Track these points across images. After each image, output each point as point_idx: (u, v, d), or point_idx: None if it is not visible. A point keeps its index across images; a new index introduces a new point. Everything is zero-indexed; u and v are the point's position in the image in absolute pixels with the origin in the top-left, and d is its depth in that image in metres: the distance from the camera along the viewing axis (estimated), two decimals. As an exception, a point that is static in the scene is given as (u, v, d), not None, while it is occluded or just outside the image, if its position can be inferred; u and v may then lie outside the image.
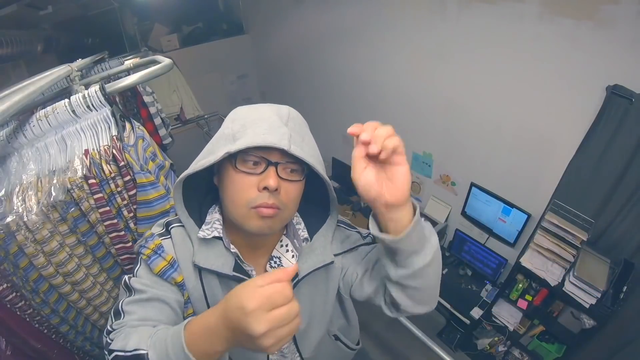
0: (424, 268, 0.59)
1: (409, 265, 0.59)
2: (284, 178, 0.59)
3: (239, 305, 0.42)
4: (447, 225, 2.70)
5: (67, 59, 1.26)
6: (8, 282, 0.89)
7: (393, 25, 2.39)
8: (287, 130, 0.58)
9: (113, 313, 0.60)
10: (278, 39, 3.50)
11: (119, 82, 0.97)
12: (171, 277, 0.65)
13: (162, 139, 1.90)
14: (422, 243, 0.58)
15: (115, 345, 0.53)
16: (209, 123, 3.51)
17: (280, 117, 0.60)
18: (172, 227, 0.68)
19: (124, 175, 0.93)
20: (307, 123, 0.67)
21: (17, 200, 0.86)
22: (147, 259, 0.64)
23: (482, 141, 2.21)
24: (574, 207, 1.78)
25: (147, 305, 0.61)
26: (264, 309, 0.42)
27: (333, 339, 0.83)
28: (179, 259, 0.66)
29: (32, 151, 0.91)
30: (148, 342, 0.51)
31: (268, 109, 0.62)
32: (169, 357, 0.48)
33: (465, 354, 2.46)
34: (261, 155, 0.58)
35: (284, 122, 0.60)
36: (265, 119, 0.59)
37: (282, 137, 0.56)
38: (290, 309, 0.43)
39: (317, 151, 0.64)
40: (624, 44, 1.47)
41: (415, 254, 0.58)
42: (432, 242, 0.60)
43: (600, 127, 1.64)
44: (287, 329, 0.43)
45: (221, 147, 0.58)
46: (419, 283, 0.61)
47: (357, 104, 2.98)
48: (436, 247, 0.60)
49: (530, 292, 2.07)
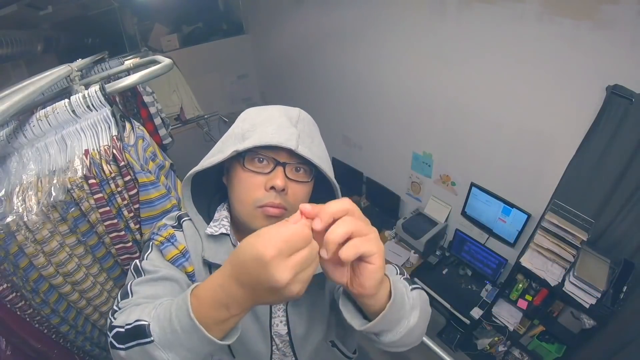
0: (393, 343, 0.54)
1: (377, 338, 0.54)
2: (292, 179, 0.59)
3: (255, 256, 0.38)
4: (447, 225, 2.69)
5: (67, 59, 1.26)
6: (8, 282, 0.89)
7: (393, 24, 2.39)
8: (296, 131, 0.58)
9: (120, 295, 0.57)
10: (278, 39, 3.50)
11: (119, 82, 0.98)
12: (182, 266, 0.64)
13: (162, 139, 1.90)
14: (398, 321, 0.52)
15: (117, 322, 0.50)
16: (209, 123, 3.52)
17: (290, 118, 0.61)
18: (184, 220, 0.69)
19: (124, 175, 0.93)
20: (317, 126, 0.67)
21: (17, 200, 0.86)
22: (160, 245, 0.64)
23: (482, 141, 2.21)
24: (574, 207, 1.78)
25: (157, 284, 0.59)
26: (284, 255, 0.38)
27: (329, 344, 0.82)
28: (190, 251, 0.66)
29: (32, 151, 0.91)
30: (152, 312, 0.48)
31: (278, 110, 0.63)
32: (172, 327, 0.44)
33: (465, 354, 2.46)
34: (269, 155, 0.58)
35: (294, 123, 0.60)
36: (275, 119, 0.60)
37: (290, 137, 0.56)
38: (311, 249, 0.40)
39: (326, 154, 0.64)
40: (624, 44, 1.47)
41: (387, 331, 0.53)
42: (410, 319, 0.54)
43: (600, 127, 1.64)
44: (310, 270, 0.40)
45: (230, 145, 0.59)
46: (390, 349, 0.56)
47: (357, 104, 2.98)
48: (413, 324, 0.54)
49: (530, 292, 2.07)
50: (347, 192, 3.36)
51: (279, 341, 0.74)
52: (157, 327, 0.46)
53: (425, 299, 0.61)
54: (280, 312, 0.71)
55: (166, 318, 0.45)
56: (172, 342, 0.45)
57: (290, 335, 0.72)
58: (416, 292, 0.59)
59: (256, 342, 0.71)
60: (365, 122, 3.00)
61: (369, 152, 3.15)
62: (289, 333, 0.72)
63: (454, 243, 2.62)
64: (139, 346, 0.46)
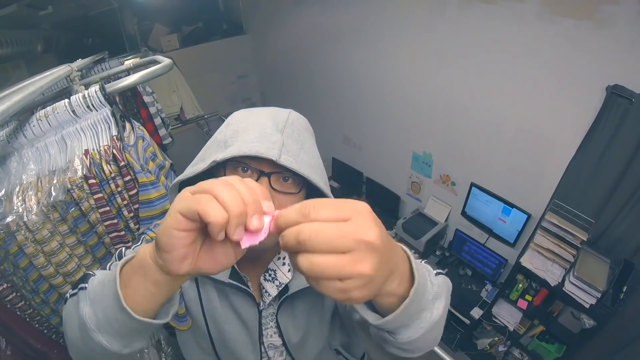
0: (413, 343, 0.43)
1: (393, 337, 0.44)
2: (278, 190, 0.54)
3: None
4: (447, 225, 2.69)
5: (67, 59, 1.26)
6: (8, 282, 0.89)
7: (393, 24, 2.39)
8: (281, 138, 0.54)
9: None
10: (278, 39, 3.50)
11: (119, 82, 0.98)
12: None
13: (162, 139, 1.89)
14: (419, 313, 0.43)
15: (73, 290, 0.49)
16: (209, 123, 3.52)
17: (277, 123, 0.57)
18: None
19: (124, 175, 0.93)
20: (311, 128, 0.63)
21: (17, 200, 0.86)
22: (151, 240, 0.64)
23: (482, 141, 2.21)
24: (574, 207, 1.78)
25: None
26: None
27: (334, 352, 0.80)
28: None
29: (32, 151, 0.91)
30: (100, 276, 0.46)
31: (265, 114, 0.59)
32: (104, 279, 0.43)
33: (465, 354, 2.46)
34: (252, 165, 0.53)
35: (280, 129, 0.56)
36: (259, 125, 0.55)
37: (273, 146, 0.52)
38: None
39: (317, 160, 0.59)
40: (624, 44, 1.47)
41: (405, 327, 0.43)
42: (433, 311, 0.44)
43: (600, 127, 1.64)
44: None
45: (212, 154, 0.55)
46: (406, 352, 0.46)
47: (357, 104, 2.98)
48: (438, 316, 0.44)
49: (530, 292, 2.07)
50: (347, 192, 3.36)
51: (273, 353, 0.72)
52: (97, 279, 0.44)
53: (449, 288, 0.52)
54: (272, 322, 0.69)
55: (105, 272, 0.45)
56: (96, 294, 0.43)
57: (286, 346, 0.70)
58: (441, 278, 0.50)
59: (246, 354, 0.70)
60: (365, 122, 3.00)
61: (369, 152, 3.15)
62: (284, 344, 0.70)
63: (454, 243, 2.62)
64: (75, 295, 0.45)
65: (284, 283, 0.65)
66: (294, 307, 0.68)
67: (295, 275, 0.66)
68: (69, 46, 2.45)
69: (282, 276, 0.66)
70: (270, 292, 0.65)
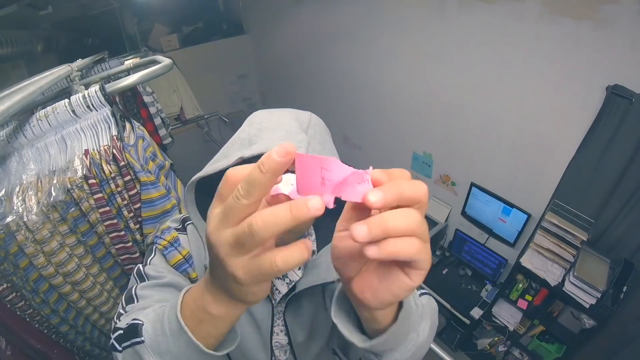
0: None
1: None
2: None
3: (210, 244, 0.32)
4: (447, 225, 2.70)
5: (67, 59, 1.26)
6: (8, 282, 0.89)
7: (393, 24, 2.39)
8: (306, 138, 0.55)
9: (124, 299, 0.55)
10: (278, 39, 3.50)
11: (119, 82, 0.98)
12: (186, 272, 0.63)
13: (162, 139, 1.90)
14: (405, 335, 0.43)
15: (120, 324, 0.48)
16: (209, 123, 3.52)
17: (301, 123, 0.58)
18: (189, 224, 0.67)
19: (124, 175, 0.93)
20: (329, 131, 0.63)
21: (17, 200, 0.86)
22: (164, 249, 0.63)
23: (482, 141, 2.21)
24: (574, 207, 1.78)
25: (164, 289, 0.57)
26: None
27: (331, 352, 0.79)
28: (193, 257, 0.65)
29: (32, 151, 0.91)
30: (150, 314, 0.46)
31: (288, 114, 0.60)
32: (162, 329, 0.42)
33: (465, 354, 2.46)
34: None
35: (304, 129, 0.57)
36: (284, 125, 0.56)
37: (300, 145, 0.53)
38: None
39: None
40: (624, 44, 1.47)
41: (391, 351, 0.43)
42: (419, 332, 0.44)
43: (600, 127, 1.64)
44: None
45: (235, 151, 0.55)
46: None
47: (357, 104, 2.98)
48: (423, 339, 0.44)
49: (530, 292, 2.07)
50: (347, 192, 3.36)
51: (278, 352, 0.72)
52: (150, 327, 0.43)
53: (434, 308, 0.53)
54: (280, 320, 0.69)
55: (158, 319, 0.43)
56: (160, 345, 0.42)
57: (291, 345, 0.70)
58: (425, 299, 0.51)
59: (256, 352, 0.70)
60: (365, 122, 2.99)
61: (369, 152, 3.15)
62: (290, 343, 0.70)
63: (454, 243, 2.62)
64: (132, 347, 0.44)
65: (294, 281, 0.65)
66: (301, 306, 0.68)
67: (304, 274, 0.66)
68: (69, 46, 2.45)
69: (293, 274, 0.66)
70: (281, 290, 0.65)
